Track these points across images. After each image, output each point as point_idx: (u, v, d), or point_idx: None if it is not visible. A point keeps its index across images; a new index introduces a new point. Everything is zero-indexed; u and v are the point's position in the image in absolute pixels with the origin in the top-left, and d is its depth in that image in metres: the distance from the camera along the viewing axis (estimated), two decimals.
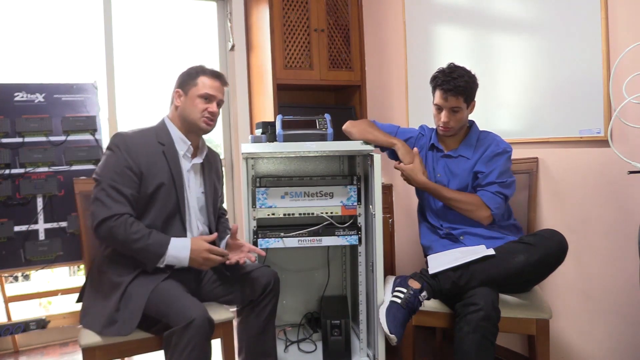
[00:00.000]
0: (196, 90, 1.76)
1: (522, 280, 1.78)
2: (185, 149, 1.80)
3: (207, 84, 1.76)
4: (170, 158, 1.75)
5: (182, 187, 1.76)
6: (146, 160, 1.70)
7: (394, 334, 1.66)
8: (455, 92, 1.86)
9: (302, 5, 2.92)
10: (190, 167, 1.82)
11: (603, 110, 1.82)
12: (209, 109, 1.76)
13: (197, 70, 1.79)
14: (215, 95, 1.78)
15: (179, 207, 1.74)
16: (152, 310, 1.58)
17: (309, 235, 2.08)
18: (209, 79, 1.78)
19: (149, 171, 1.69)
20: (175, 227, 1.74)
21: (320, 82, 2.96)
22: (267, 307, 1.79)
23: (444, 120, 1.91)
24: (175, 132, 1.80)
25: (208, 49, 3.22)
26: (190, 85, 1.77)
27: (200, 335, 1.50)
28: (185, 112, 1.78)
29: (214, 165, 1.95)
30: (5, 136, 2.42)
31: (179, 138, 1.80)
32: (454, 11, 2.48)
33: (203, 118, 1.76)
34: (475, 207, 1.87)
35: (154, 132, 1.78)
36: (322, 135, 2.08)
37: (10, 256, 2.40)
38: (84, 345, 1.59)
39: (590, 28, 1.85)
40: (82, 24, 2.91)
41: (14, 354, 2.60)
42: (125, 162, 1.66)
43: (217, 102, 1.79)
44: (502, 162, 1.89)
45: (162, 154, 1.74)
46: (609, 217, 1.86)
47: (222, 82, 1.81)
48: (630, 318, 1.82)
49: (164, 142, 1.76)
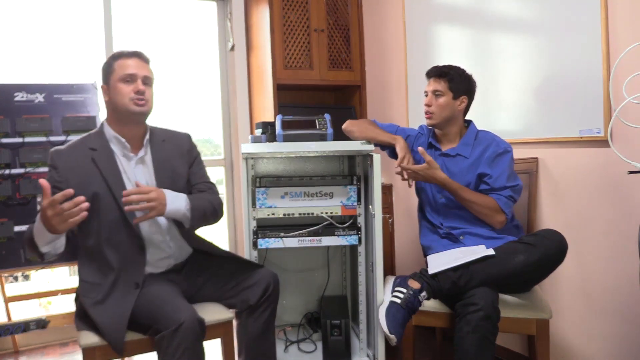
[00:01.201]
0: (116, 76, 1.65)
1: (522, 280, 1.78)
2: (121, 147, 1.70)
3: (125, 65, 1.65)
4: (101, 163, 1.65)
5: (123, 188, 1.62)
6: (75, 174, 1.62)
7: (394, 334, 1.66)
8: (436, 74, 1.95)
9: (302, 5, 2.92)
10: (135, 164, 1.71)
11: (603, 110, 1.82)
12: (134, 88, 1.63)
13: (112, 57, 1.69)
14: (137, 73, 1.65)
15: (122, 211, 1.60)
16: (141, 317, 1.56)
17: (309, 235, 2.08)
18: (124, 59, 1.66)
19: (80, 185, 1.58)
20: (125, 233, 1.64)
21: (320, 82, 2.96)
22: (266, 311, 1.76)
23: (425, 103, 1.97)
24: (109, 132, 1.70)
25: (208, 49, 3.22)
26: (109, 74, 1.67)
27: (191, 338, 1.48)
28: (113, 103, 1.67)
29: (175, 149, 1.81)
30: (5, 136, 2.42)
31: (113, 137, 1.70)
32: (454, 11, 2.48)
33: (132, 100, 1.63)
34: (492, 211, 1.87)
35: (87, 139, 1.70)
36: (322, 135, 2.08)
37: (10, 256, 2.40)
38: (84, 345, 1.59)
39: (590, 28, 1.85)
40: (82, 24, 2.91)
41: (14, 354, 2.60)
42: (54, 180, 1.59)
43: (143, 80, 1.66)
44: (507, 164, 1.89)
45: (91, 160, 1.64)
46: (609, 217, 1.86)
47: (140, 58, 1.69)
48: (630, 318, 1.81)
49: (95, 146, 1.67)
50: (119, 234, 1.64)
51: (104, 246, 1.63)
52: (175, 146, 1.83)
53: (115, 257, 1.64)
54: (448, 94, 1.93)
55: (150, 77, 1.70)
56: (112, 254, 1.64)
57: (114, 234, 1.63)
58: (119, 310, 1.57)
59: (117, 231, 1.63)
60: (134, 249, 1.66)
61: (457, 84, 1.93)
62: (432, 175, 1.88)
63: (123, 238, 1.65)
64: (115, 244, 1.64)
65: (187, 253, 1.84)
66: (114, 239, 1.63)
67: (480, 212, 1.88)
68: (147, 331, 1.59)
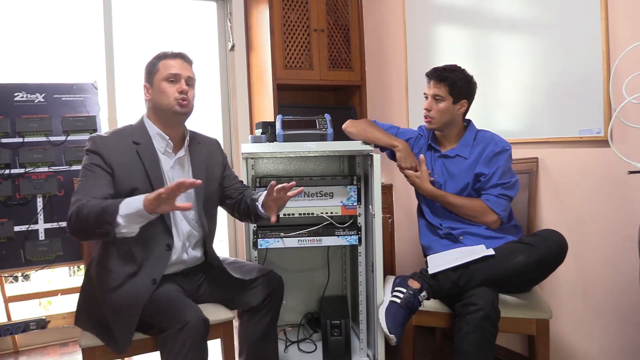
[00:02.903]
0: (160, 76, 1.67)
1: (522, 281, 1.77)
2: (164, 144, 1.71)
3: (169, 65, 1.68)
4: (146, 158, 1.65)
5: (163, 186, 1.59)
6: (119, 160, 1.61)
7: (394, 334, 1.66)
8: (437, 78, 1.91)
9: (302, 5, 2.92)
10: (174, 163, 1.73)
11: (603, 110, 1.82)
12: (178, 89, 1.66)
13: (157, 57, 1.72)
14: (181, 73, 1.68)
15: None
16: (147, 316, 1.56)
17: (309, 235, 2.08)
18: (169, 60, 1.69)
19: (122, 171, 1.60)
20: (157, 230, 1.64)
21: (320, 82, 2.96)
22: (269, 314, 1.75)
23: (425, 107, 1.95)
24: (152, 128, 1.71)
25: (208, 49, 3.22)
26: (153, 73, 1.69)
27: (196, 337, 1.48)
28: (156, 102, 1.68)
29: (209, 153, 1.84)
30: (5, 136, 2.42)
31: (157, 134, 1.70)
32: (454, 11, 2.48)
33: (175, 100, 1.65)
34: (480, 213, 1.88)
35: (130, 131, 1.70)
36: (322, 135, 2.08)
37: (10, 256, 2.40)
38: (84, 345, 1.59)
39: (590, 28, 1.85)
40: (82, 24, 2.91)
41: (14, 354, 2.60)
42: (97, 160, 1.59)
43: (186, 80, 1.69)
44: (503, 162, 1.88)
45: (136, 154, 1.64)
46: (609, 217, 1.86)
47: (184, 59, 1.72)
48: (630, 318, 1.81)
49: (139, 141, 1.67)
50: (151, 230, 1.61)
51: (133, 239, 1.56)
52: (210, 151, 1.86)
53: (141, 251, 1.62)
54: (448, 98, 1.91)
55: (193, 77, 1.73)
56: (139, 248, 1.62)
57: (146, 230, 1.57)
58: (132, 300, 1.56)
59: (151, 227, 1.59)
60: (161, 246, 1.66)
61: (458, 88, 1.91)
62: (418, 185, 1.95)
63: (154, 235, 1.64)
64: (145, 239, 1.61)
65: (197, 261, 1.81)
66: (145, 234, 1.58)
67: (469, 215, 1.90)
68: (149, 330, 1.59)
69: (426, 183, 1.94)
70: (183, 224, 1.72)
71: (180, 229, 1.71)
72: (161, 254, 1.65)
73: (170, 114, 1.68)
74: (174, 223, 1.69)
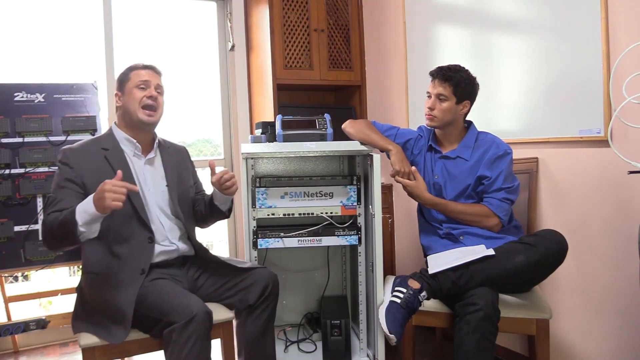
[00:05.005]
0: (131, 84, 1.78)
1: (522, 281, 1.78)
2: (133, 148, 1.81)
3: (140, 74, 1.79)
4: (114, 161, 1.74)
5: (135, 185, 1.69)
6: (89, 169, 1.69)
7: (394, 333, 1.66)
8: (442, 77, 1.91)
9: (302, 5, 2.92)
10: (145, 163, 1.82)
11: (603, 110, 1.82)
12: (147, 94, 1.77)
13: (129, 68, 1.83)
14: (150, 80, 1.79)
15: (134, 205, 1.71)
16: (151, 311, 1.58)
17: (309, 235, 2.08)
18: (140, 70, 1.81)
19: (92, 178, 1.66)
20: (135, 227, 1.72)
21: (320, 82, 2.96)
22: (265, 311, 1.77)
23: (428, 106, 1.94)
24: (120, 134, 1.81)
25: (208, 49, 3.22)
26: (125, 82, 1.80)
27: (202, 330, 1.52)
28: (125, 108, 1.79)
29: (179, 159, 1.96)
30: (5, 136, 2.42)
31: (125, 139, 1.80)
32: (454, 11, 2.48)
33: (142, 104, 1.76)
34: (482, 217, 1.88)
35: (99, 140, 1.81)
36: (322, 135, 2.08)
37: (10, 256, 2.40)
38: (84, 345, 1.59)
39: (590, 28, 1.85)
40: (82, 24, 2.91)
41: (14, 354, 2.60)
42: (67, 174, 1.67)
43: (155, 88, 1.80)
44: (505, 166, 1.88)
45: (104, 159, 1.73)
46: (609, 217, 1.86)
47: (154, 70, 1.84)
48: (630, 318, 1.81)
49: (107, 146, 1.77)
50: (129, 228, 1.71)
51: (112, 239, 1.69)
52: (179, 156, 1.98)
53: (123, 247, 1.69)
54: (452, 98, 1.91)
55: (162, 86, 1.85)
56: (121, 245, 1.69)
57: (125, 228, 1.70)
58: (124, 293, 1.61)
59: (127, 225, 1.71)
60: (143, 240, 1.72)
61: (462, 88, 1.91)
62: (417, 195, 1.94)
63: (132, 231, 1.71)
64: (125, 236, 1.70)
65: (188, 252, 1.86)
66: (124, 232, 1.70)
67: (472, 221, 1.90)
68: (152, 329, 1.60)
69: (425, 193, 1.93)
70: (162, 218, 1.80)
71: (159, 223, 1.78)
72: (144, 247, 1.73)
73: (136, 119, 1.78)
74: (151, 219, 1.76)
